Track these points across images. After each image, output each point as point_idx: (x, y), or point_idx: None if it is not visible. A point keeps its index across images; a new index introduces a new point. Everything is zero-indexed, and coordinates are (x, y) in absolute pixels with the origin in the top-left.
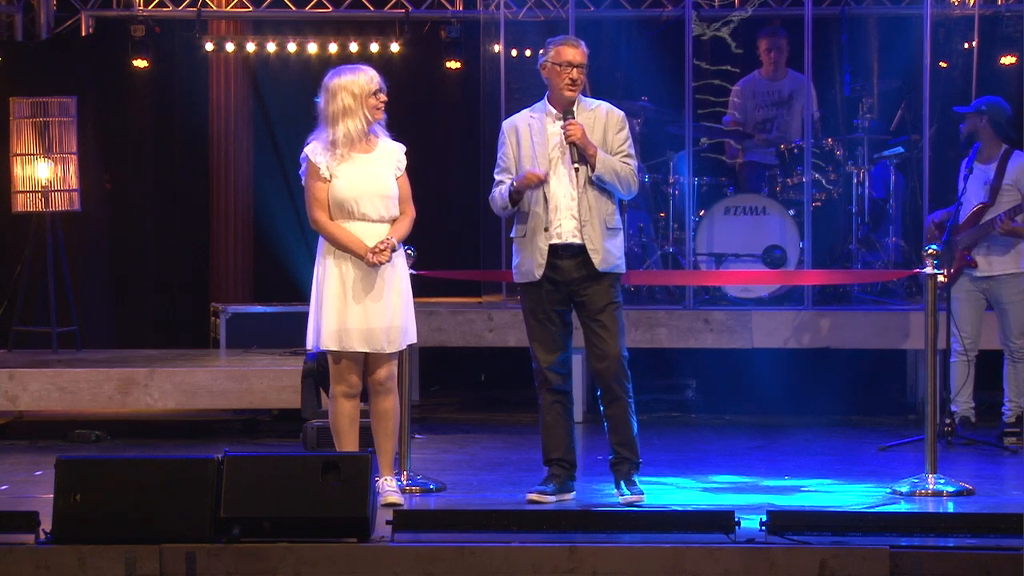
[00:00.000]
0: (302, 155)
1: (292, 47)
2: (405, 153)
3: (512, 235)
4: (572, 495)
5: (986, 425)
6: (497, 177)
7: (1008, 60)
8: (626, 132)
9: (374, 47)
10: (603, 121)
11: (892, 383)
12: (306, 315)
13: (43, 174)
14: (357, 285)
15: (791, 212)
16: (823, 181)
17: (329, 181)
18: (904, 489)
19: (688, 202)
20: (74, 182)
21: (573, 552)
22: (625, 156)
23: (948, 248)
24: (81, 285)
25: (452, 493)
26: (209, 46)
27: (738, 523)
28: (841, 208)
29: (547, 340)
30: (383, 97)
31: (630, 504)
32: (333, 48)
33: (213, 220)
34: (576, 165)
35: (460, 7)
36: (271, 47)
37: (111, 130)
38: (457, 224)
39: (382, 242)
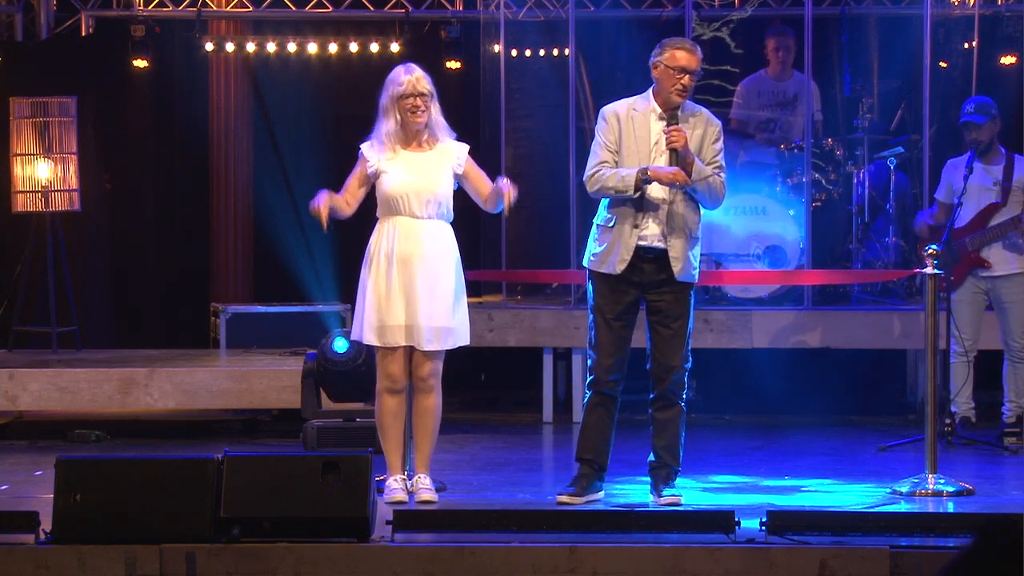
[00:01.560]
0: (359, 151)
1: (292, 47)
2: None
3: (598, 221)
4: (600, 495)
5: (986, 425)
6: (601, 155)
7: (1008, 60)
8: (721, 143)
9: (374, 47)
10: (703, 129)
11: (892, 383)
12: (305, 315)
13: (43, 174)
14: (397, 282)
15: (791, 212)
16: (823, 181)
17: (374, 175)
18: (904, 489)
19: None
20: (74, 182)
21: (573, 552)
22: (718, 168)
23: (949, 250)
24: (81, 285)
25: (452, 493)
26: (209, 46)
27: (738, 523)
28: (841, 208)
29: (610, 343)
30: (416, 102)
31: (668, 505)
32: (333, 48)
33: (213, 220)
34: None
35: (460, 7)
36: (271, 47)
37: (111, 130)
38: (457, 224)
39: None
